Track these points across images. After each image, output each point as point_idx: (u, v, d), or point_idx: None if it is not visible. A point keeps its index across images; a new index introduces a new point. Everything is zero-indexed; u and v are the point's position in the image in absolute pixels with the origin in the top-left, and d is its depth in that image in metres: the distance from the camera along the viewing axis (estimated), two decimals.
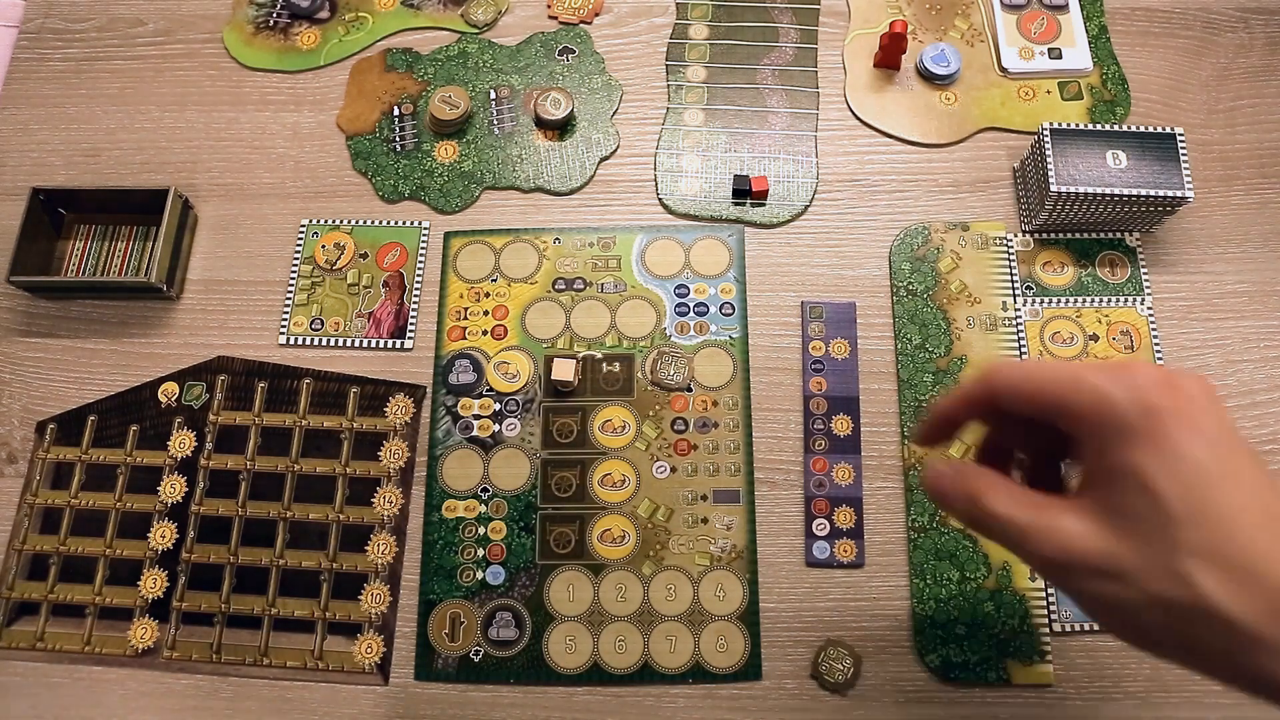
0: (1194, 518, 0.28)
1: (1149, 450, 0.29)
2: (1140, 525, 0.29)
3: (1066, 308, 0.52)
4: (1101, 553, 0.29)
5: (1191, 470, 0.28)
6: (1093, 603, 0.30)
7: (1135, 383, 0.29)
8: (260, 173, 0.57)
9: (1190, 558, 0.27)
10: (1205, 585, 0.27)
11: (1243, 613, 0.27)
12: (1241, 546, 0.27)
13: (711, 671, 0.46)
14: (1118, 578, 0.29)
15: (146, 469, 0.51)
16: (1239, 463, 0.29)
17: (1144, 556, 0.28)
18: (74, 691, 0.48)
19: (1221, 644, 0.28)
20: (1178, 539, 0.28)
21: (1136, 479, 0.29)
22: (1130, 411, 0.29)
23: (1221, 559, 0.27)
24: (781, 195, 0.55)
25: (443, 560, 0.48)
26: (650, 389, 0.51)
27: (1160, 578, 0.28)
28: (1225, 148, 0.56)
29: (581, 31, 0.60)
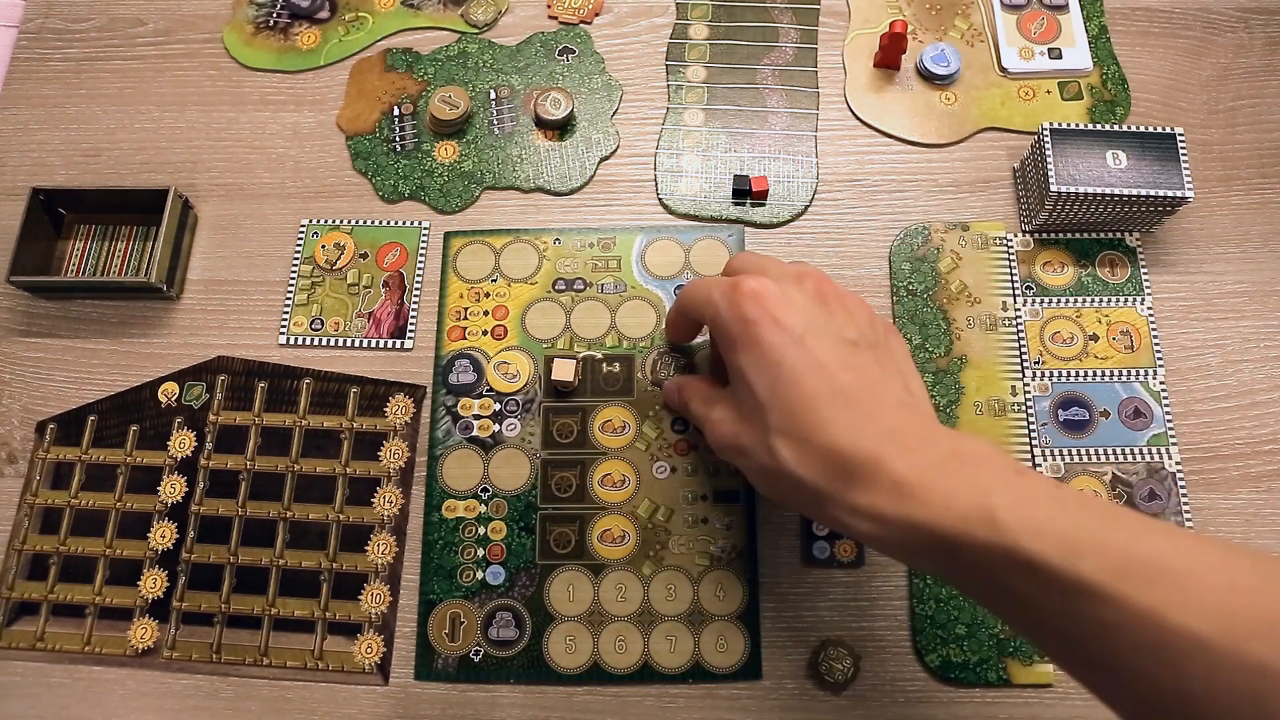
0: (774, 403, 0.35)
1: (745, 353, 0.36)
2: (748, 412, 0.37)
3: (1066, 308, 0.52)
4: (733, 434, 0.38)
5: (773, 367, 0.35)
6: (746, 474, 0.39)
7: (738, 301, 0.37)
8: (260, 173, 0.57)
9: (775, 435, 0.35)
10: (784, 456, 0.35)
11: (809, 475, 0.34)
12: (806, 424, 0.34)
13: (712, 671, 0.46)
14: (746, 454, 0.37)
15: (146, 469, 0.51)
16: (810, 357, 0.35)
17: (753, 437, 0.36)
18: (74, 691, 0.48)
19: (810, 500, 0.35)
20: (767, 422, 0.35)
21: (741, 375, 0.37)
22: (732, 323, 0.37)
23: (792, 434, 0.35)
24: (781, 195, 0.55)
25: (443, 560, 0.49)
26: (650, 389, 0.51)
27: (763, 453, 0.36)
28: (1225, 148, 0.56)
29: (581, 31, 0.60)
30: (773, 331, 0.36)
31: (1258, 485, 0.49)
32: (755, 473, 0.38)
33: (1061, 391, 0.51)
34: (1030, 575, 0.30)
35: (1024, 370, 0.51)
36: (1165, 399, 0.50)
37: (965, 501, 0.32)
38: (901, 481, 0.33)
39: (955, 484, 0.32)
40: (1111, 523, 0.30)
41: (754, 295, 0.37)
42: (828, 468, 0.34)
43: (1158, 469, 0.49)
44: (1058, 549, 0.29)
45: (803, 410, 0.35)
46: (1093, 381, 0.51)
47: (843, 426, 0.34)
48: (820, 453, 0.34)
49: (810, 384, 0.35)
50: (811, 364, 0.35)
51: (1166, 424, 0.50)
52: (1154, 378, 0.51)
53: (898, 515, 0.32)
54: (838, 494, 0.34)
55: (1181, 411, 0.50)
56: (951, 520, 0.31)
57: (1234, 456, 0.50)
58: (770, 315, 0.36)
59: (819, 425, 0.34)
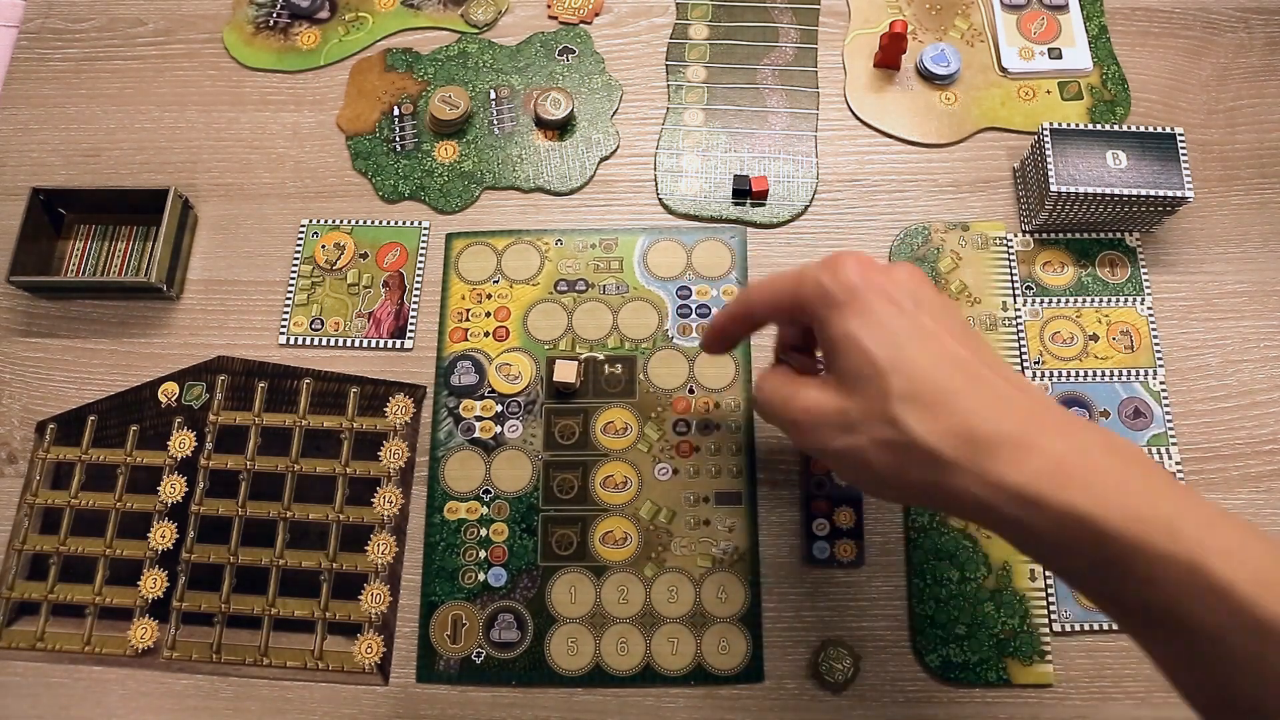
0: (896, 367, 0.32)
1: (856, 318, 0.34)
2: (859, 381, 0.34)
3: (1066, 308, 0.52)
4: (835, 409, 0.34)
5: (891, 331, 0.33)
6: (838, 457, 0.35)
7: (842, 269, 0.35)
8: (260, 173, 0.57)
9: (898, 401, 0.32)
10: (909, 421, 0.32)
11: (940, 440, 0.31)
12: (932, 387, 0.32)
13: (713, 674, 0.46)
14: (850, 429, 0.34)
15: (146, 469, 0.51)
16: (932, 327, 0.33)
17: (865, 406, 0.33)
18: (74, 691, 0.48)
19: (929, 474, 0.32)
20: (886, 387, 0.32)
21: (850, 341, 0.34)
22: (838, 291, 0.34)
23: (919, 398, 0.32)
24: (781, 195, 0.55)
25: (444, 562, 0.48)
26: (651, 391, 0.51)
27: (879, 423, 0.33)
28: (1225, 148, 0.56)
29: (581, 31, 0.60)
30: (883, 300, 0.34)
31: (1258, 485, 0.49)
32: (864, 450, 0.33)
33: (1062, 391, 0.51)
34: (1211, 603, 0.26)
35: (1024, 370, 0.51)
36: (1165, 399, 0.50)
37: (1139, 498, 0.29)
38: (1062, 462, 0.30)
39: (1124, 477, 0.29)
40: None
41: (859, 264, 0.35)
42: (965, 438, 0.31)
43: None
44: (1251, 580, 0.26)
45: (933, 375, 0.32)
46: (1093, 381, 0.51)
47: (981, 397, 0.32)
48: (957, 419, 0.31)
49: (935, 350, 0.33)
50: (932, 332, 0.33)
51: (1166, 424, 0.50)
52: (1154, 378, 0.51)
53: (1057, 500, 0.29)
54: (978, 467, 0.31)
55: (1181, 411, 0.50)
56: (1125, 519, 0.28)
57: (1234, 456, 0.50)
58: (877, 284, 0.34)
59: (953, 391, 0.32)
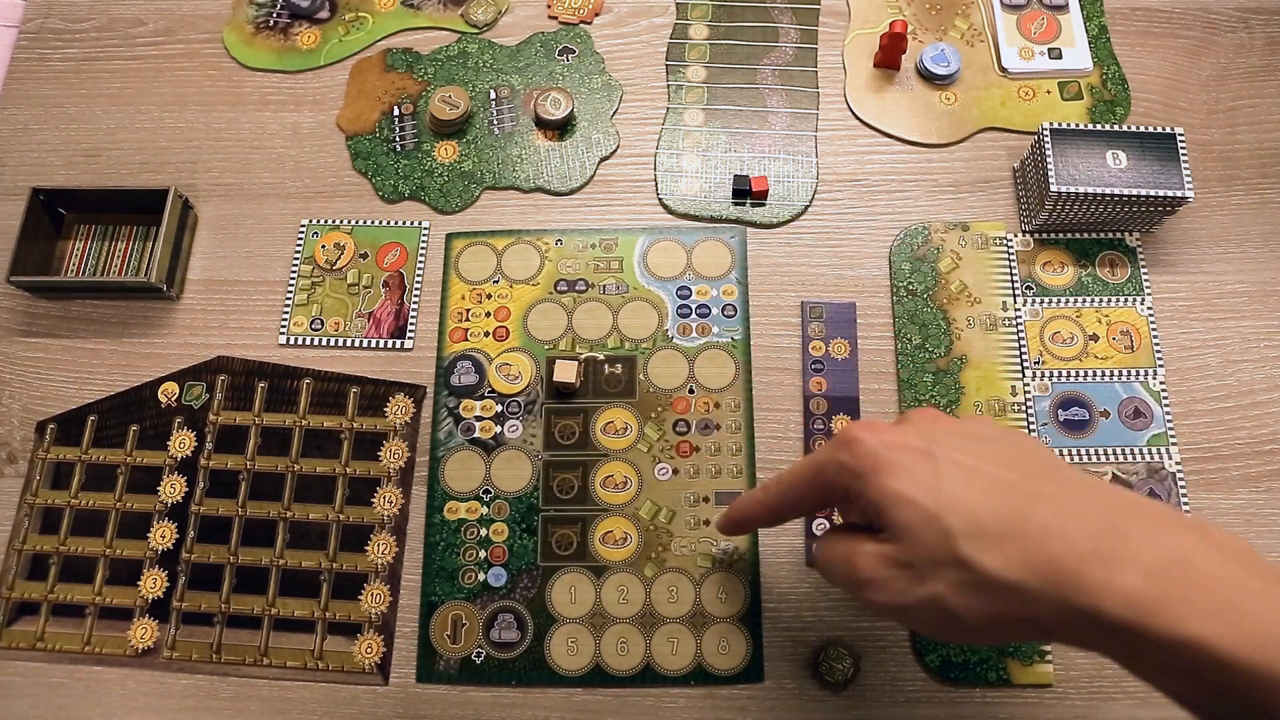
0: (948, 507, 0.30)
1: (889, 477, 0.32)
2: (915, 530, 0.31)
3: (1066, 308, 0.52)
4: (901, 560, 0.32)
5: (928, 478, 0.31)
6: (919, 609, 0.32)
7: (855, 442, 0.33)
8: (260, 173, 0.57)
9: (962, 539, 0.30)
10: (980, 558, 0.30)
11: (1015, 573, 0.29)
12: (992, 518, 0.30)
13: (713, 673, 0.46)
14: (921, 578, 0.31)
15: (146, 469, 0.51)
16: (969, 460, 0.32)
17: (929, 552, 0.31)
18: (74, 691, 0.48)
19: (1017, 610, 0.29)
20: (947, 528, 0.30)
21: (893, 497, 0.32)
22: (860, 463, 0.33)
23: (982, 533, 0.30)
24: (781, 195, 0.55)
25: (444, 562, 0.48)
26: (652, 391, 0.51)
27: (949, 567, 0.30)
28: (1225, 148, 0.56)
29: (581, 31, 0.60)
30: (909, 453, 0.32)
31: (1258, 485, 0.49)
32: (947, 598, 0.31)
33: (1061, 391, 0.51)
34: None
35: (1024, 370, 0.51)
36: (1165, 399, 0.50)
37: (1259, 620, 0.26)
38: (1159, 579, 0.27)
39: (1236, 593, 0.27)
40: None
41: (871, 430, 0.33)
42: (1043, 564, 0.29)
43: (1158, 469, 0.49)
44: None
45: (988, 507, 0.30)
46: (1093, 381, 0.51)
47: (1046, 514, 0.30)
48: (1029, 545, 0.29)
49: (980, 484, 0.31)
50: (970, 468, 0.32)
51: (1166, 424, 0.50)
52: (1154, 378, 0.51)
53: (1162, 628, 0.26)
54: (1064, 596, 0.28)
55: (1181, 411, 0.50)
56: (1245, 644, 0.25)
57: (1234, 456, 0.50)
58: (898, 444, 0.33)
59: (1015, 517, 0.30)
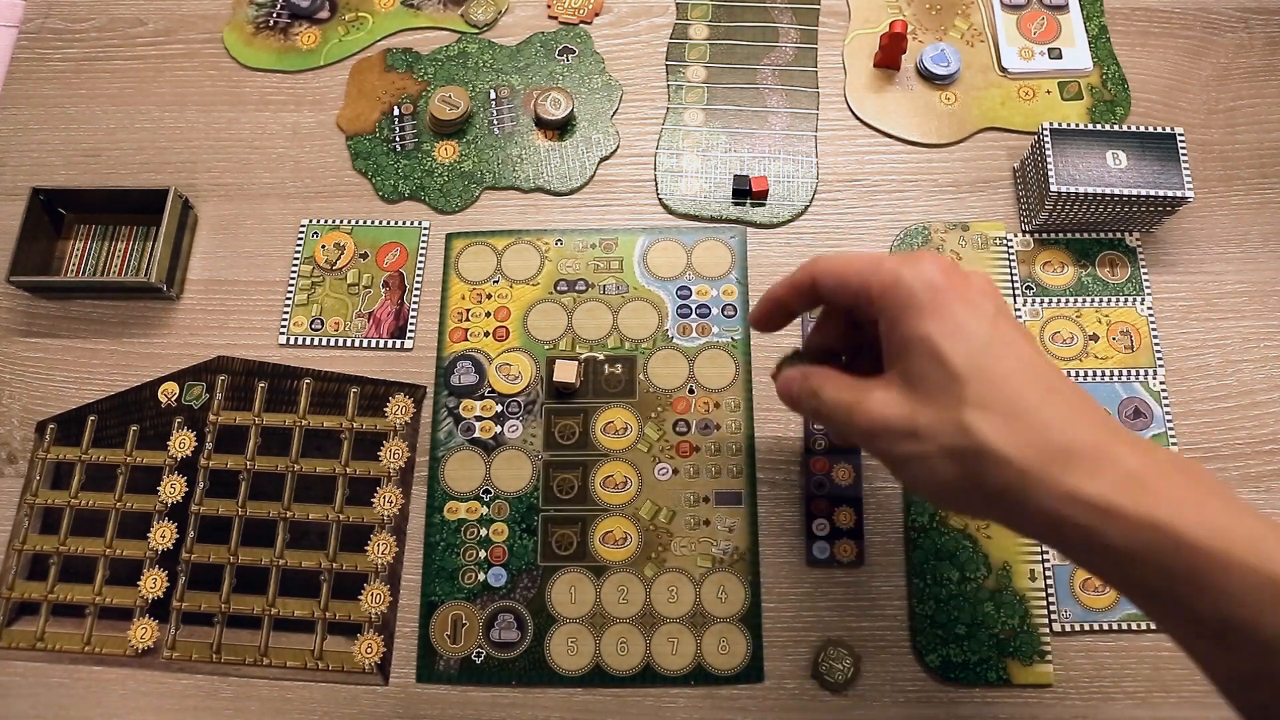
0: (973, 375, 0.31)
1: (934, 321, 0.32)
2: (930, 386, 0.32)
3: (1066, 308, 0.52)
4: (901, 416, 0.33)
5: (970, 337, 0.32)
6: (903, 464, 0.34)
7: (923, 266, 0.33)
8: (260, 173, 0.57)
9: (971, 409, 0.31)
10: (984, 430, 0.31)
11: (1015, 450, 0.30)
12: (1011, 397, 0.31)
13: (713, 673, 0.46)
14: (916, 436, 0.32)
15: (146, 469, 0.51)
16: (1011, 335, 0.33)
17: (935, 413, 0.32)
18: (74, 691, 0.48)
19: (1001, 482, 0.31)
20: (961, 394, 0.31)
21: (925, 345, 0.32)
22: (918, 289, 0.33)
23: (996, 407, 0.31)
24: (781, 195, 0.55)
25: (444, 562, 0.48)
26: (652, 391, 0.51)
27: (949, 430, 0.32)
28: (1225, 148, 0.56)
29: (581, 31, 0.60)
30: (964, 303, 0.33)
31: (1258, 485, 0.49)
32: (931, 458, 0.32)
33: None
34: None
35: None
36: (1165, 399, 0.50)
37: (1219, 514, 0.28)
38: (1139, 474, 0.29)
39: (1201, 493, 0.29)
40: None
41: (941, 264, 0.34)
42: (1042, 448, 0.30)
43: None
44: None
45: (1013, 383, 0.31)
46: (1093, 381, 0.51)
47: (1057, 407, 0.31)
48: (1033, 430, 0.30)
49: (1014, 360, 0.32)
50: (1012, 341, 0.32)
51: (1166, 424, 0.50)
52: (1154, 378, 0.51)
53: (1136, 510, 0.29)
54: (1052, 478, 0.30)
55: (1181, 411, 0.50)
56: (1206, 531, 0.28)
57: (1234, 456, 0.50)
58: (958, 287, 0.33)
59: (1031, 402, 0.31)
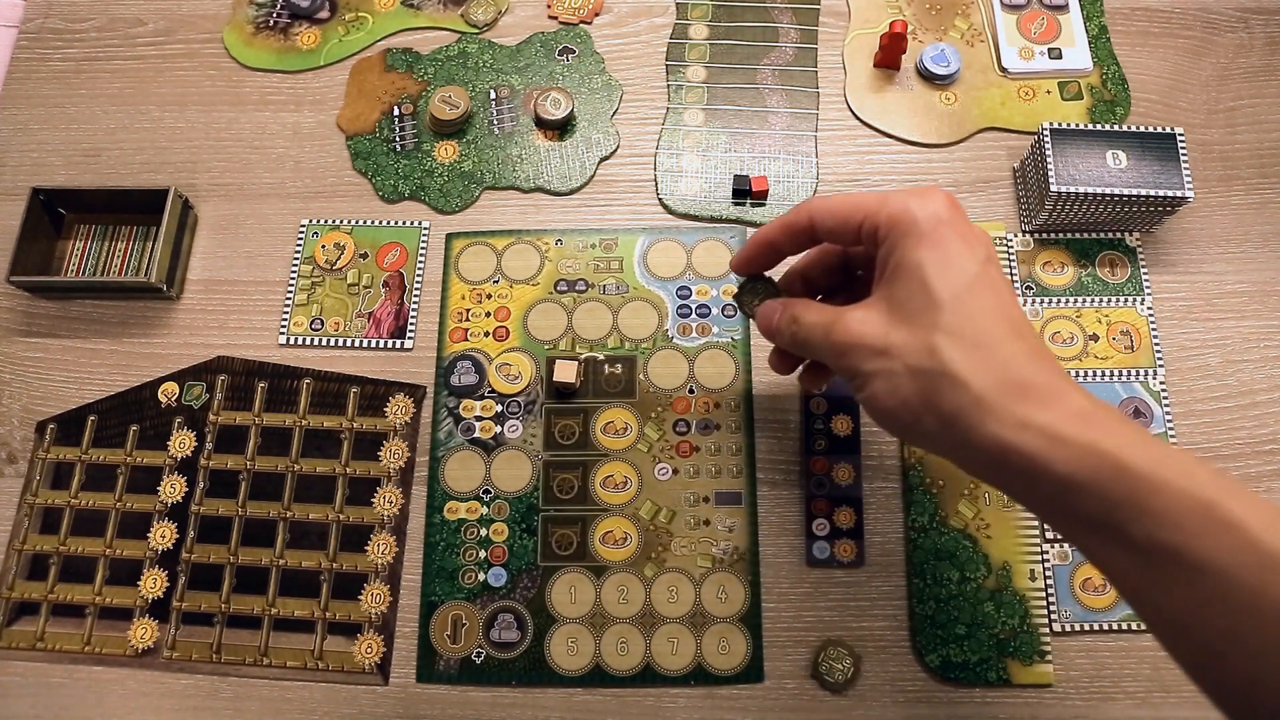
0: (952, 304, 0.34)
1: (929, 249, 0.34)
2: (909, 309, 0.34)
3: (1066, 308, 0.52)
4: (876, 334, 0.35)
5: (958, 271, 0.34)
6: (867, 380, 0.36)
7: (931, 200, 0.35)
8: (260, 173, 0.57)
9: (942, 334, 0.33)
10: (949, 354, 0.33)
11: (975, 377, 0.32)
12: (981, 330, 0.33)
13: (713, 673, 0.46)
14: (886, 353, 0.35)
15: (146, 469, 0.51)
16: (996, 279, 0.35)
17: (908, 334, 0.34)
18: (74, 691, 0.48)
19: (956, 405, 0.33)
20: (936, 320, 0.34)
21: (915, 270, 0.34)
22: (922, 218, 0.35)
23: (967, 336, 0.33)
24: (781, 195, 0.55)
25: (444, 562, 0.48)
26: (652, 391, 0.51)
27: (918, 350, 0.34)
28: (1225, 148, 0.56)
29: (581, 31, 0.60)
30: (963, 241, 0.35)
31: (1258, 485, 0.49)
32: (896, 375, 0.34)
33: None
34: (1223, 537, 0.28)
35: None
36: (1165, 399, 0.50)
37: (1157, 447, 0.31)
38: (1086, 411, 0.32)
39: (1142, 433, 0.32)
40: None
41: (949, 201, 0.36)
42: (1002, 379, 0.32)
43: None
44: (1261, 520, 0.28)
45: (985, 319, 0.34)
46: (1093, 381, 0.51)
47: (1020, 347, 0.33)
48: (996, 361, 0.33)
49: (992, 299, 0.34)
50: (995, 284, 0.34)
51: (1166, 424, 0.50)
52: (1154, 378, 0.51)
53: (1081, 437, 0.31)
54: (1005, 405, 0.32)
55: (1181, 411, 0.50)
56: (1145, 458, 0.30)
57: (1234, 456, 0.50)
58: (960, 227, 0.35)
59: (1001, 338, 0.33)
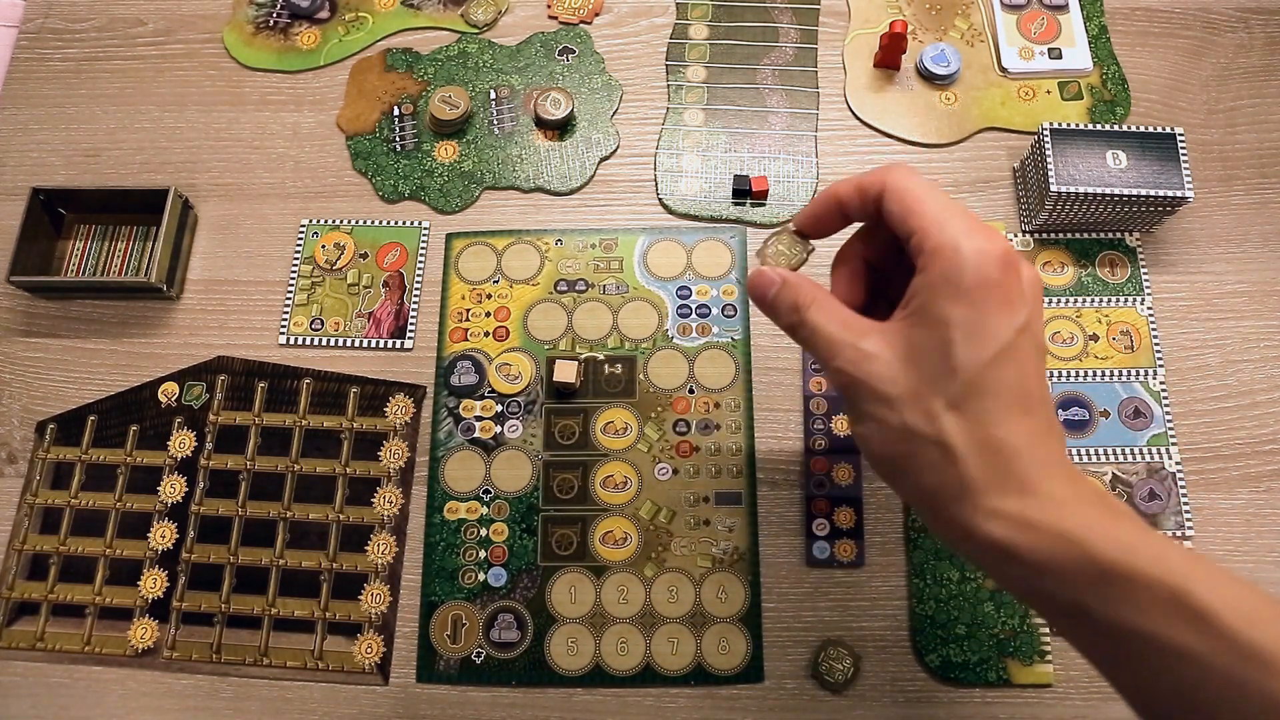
0: (969, 376, 0.31)
1: (964, 309, 0.32)
2: (924, 367, 0.32)
3: (1066, 308, 0.52)
4: (884, 378, 0.33)
5: (986, 342, 0.31)
6: (862, 419, 0.34)
7: (986, 250, 0.32)
8: (260, 173, 0.57)
9: (948, 405, 0.32)
10: (948, 426, 0.31)
11: (967, 458, 0.31)
12: (990, 407, 0.31)
13: (713, 673, 0.46)
14: (888, 403, 0.33)
15: (146, 469, 0.51)
16: (1025, 351, 0.32)
17: (915, 392, 0.32)
18: (74, 691, 0.48)
19: (940, 479, 0.32)
20: (947, 389, 0.32)
21: (942, 327, 0.32)
22: (968, 270, 0.32)
23: (970, 413, 0.31)
24: (781, 195, 0.55)
25: (444, 562, 0.48)
26: (652, 391, 0.51)
27: (920, 412, 0.32)
28: (1225, 148, 0.56)
29: (581, 31, 0.60)
30: (1003, 306, 0.32)
31: (1258, 485, 0.49)
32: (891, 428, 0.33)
33: (1062, 391, 0.51)
34: (1192, 625, 0.27)
35: None
36: (1165, 399, 0.50)
37: (1129, 533, 0.30)
38: (1066, 498, 0.31)
39: (1117, 517, 0.31)
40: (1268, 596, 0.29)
41: (1003, 254, 0.32)
42: (991, 463, 0.31)
43: (1158, 469, 0.49)
44: (1232, 609, 0.27)
45: (998, 396, 0.32)
46: (1093, 381, 0.51)
47: (1026, 428, 0.32)
48: (992, 444, 0.31)
49: (1014, 374, 0.32)
50: (1022, 357, 0.32)
51: (1166, 424, 0.50)
52: (1154, 378, 0.51)
53: (1053, 524, 0.30)
54: (985, 489, 0.31)
55: (1181, 411, 0.50)
56: (1114, 545, 0.29)
57: (1234, 456, 0.50)
58: (1006, 288, 0.32)
59: (1005, 417, 0.31)
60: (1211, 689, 0.27)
